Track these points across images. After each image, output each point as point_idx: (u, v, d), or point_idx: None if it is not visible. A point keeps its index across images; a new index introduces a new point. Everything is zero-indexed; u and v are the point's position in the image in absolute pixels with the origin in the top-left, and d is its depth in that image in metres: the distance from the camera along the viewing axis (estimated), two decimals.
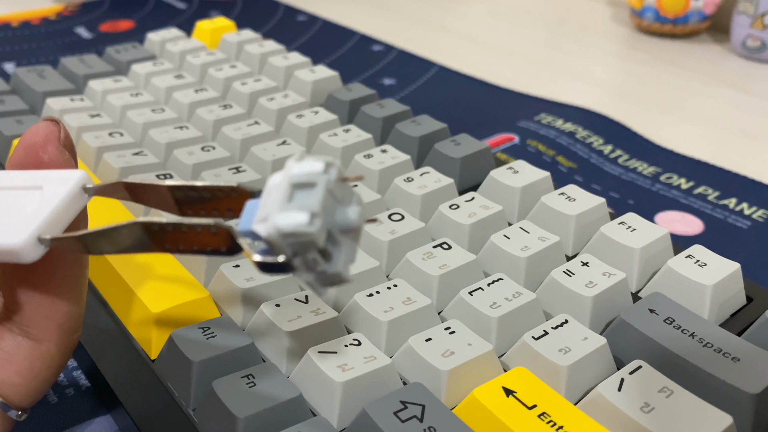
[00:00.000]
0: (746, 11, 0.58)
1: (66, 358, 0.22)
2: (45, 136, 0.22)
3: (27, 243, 0.19)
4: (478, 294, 0.26)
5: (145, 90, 0.44)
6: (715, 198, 0.41)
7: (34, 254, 0.19)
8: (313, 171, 0.17)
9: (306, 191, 0.17)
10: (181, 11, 0.70)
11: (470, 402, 0.22)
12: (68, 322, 0.21)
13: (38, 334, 0.21)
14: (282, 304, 0.26)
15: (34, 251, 0.19)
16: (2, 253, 0.19)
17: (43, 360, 0.21)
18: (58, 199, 0.20)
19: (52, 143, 0.21)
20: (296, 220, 0.16)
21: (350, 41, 0.63)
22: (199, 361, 0.24)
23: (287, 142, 0.37)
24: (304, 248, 0.17)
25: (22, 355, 0.21)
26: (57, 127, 0.22)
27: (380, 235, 0.30)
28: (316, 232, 0.16)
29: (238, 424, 0.21)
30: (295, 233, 0.16)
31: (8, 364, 0.21)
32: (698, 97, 0.54)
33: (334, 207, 0.17)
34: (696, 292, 0.27)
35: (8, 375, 0.21)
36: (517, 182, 0.33)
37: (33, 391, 0.21)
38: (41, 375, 0.21)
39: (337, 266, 0.17)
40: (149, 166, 0.35)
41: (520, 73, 0.57)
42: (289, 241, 0.16)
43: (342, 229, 0.17)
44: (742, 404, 0.22)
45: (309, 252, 0.17)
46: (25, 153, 0.21)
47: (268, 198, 0.17)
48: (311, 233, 0.16)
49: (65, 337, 0.21)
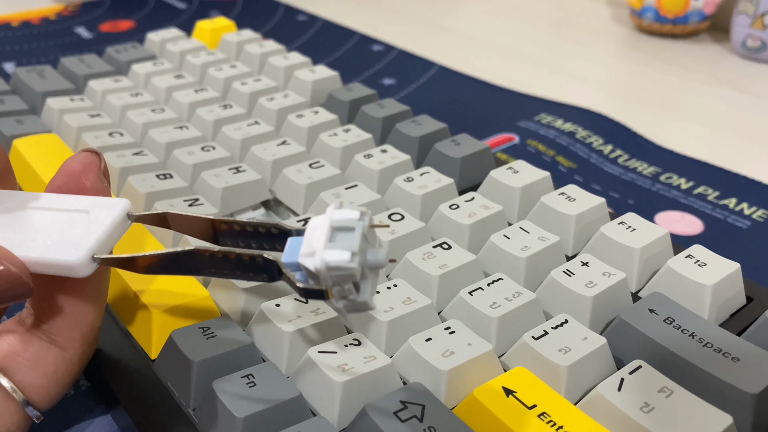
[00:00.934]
0: (746, 11, 0.58)
1: (83, 366, 0.24)
2: (86, 165, 0.23)
3: (83, 260, 0.21)
4: (478, 294, 0.26)
5: (145, 90, 0.44)
6: (715, 198, 0.41)
7: (87, 270, 0.22)
8: (351, 218, 0.20)
9: (346, 234, 0.20)
10: (181, 11, 0.70)
11: (470, 402, 0.22)
12: (90, 333, 0.23)
13: (63, 342, 0.23)
14: (282, 304, 0.26)
15: (87, 268, 0.22)
16: (59, 268, 0.22)
17: (65, 366, 0.23)
18: (107, 222, 0.22)
19: (93, 171, 0.23)
20: (342, 257, 0.19)
21: (350, 41, 0.63)
22: (199, 361, 0.24)
23: (287, 142, 0.37)
24: (343, 280, 0.20)
25: (49, 361, 0.23)
26: (97, 157, 0.24)
27: (380, 235, 0.30)
28: (356, 267, 0.19)
29: (238, 424, 0.21)
30: (339, 267, 0.20)
31: (36, 367, 0.22)
32: (698, 97, 0.54)
33: (366, 248, 0.20)
34: (696, 292, 0.27)
35: (35, 377, 0.22)
36: (517, 182, 0.33)
37: (54, 394, 0.23)
38: (62, 380, 0.23)
39: (366, 296, 0.20)
40: (149, 166, 0.35)
41: (520, 73, 0.57)
42: (333, 274, 0.20)
43: (371, 266, 0.20)
44: (742, 404, 0.22)
45: (346, 284, 0.20)
46: (68, 178, 0.23)
47: (311, 237, 0.20)
48: (353, 269, 0.19)
49: (86, 347, 0.23)
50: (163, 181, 0.33)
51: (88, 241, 0.22)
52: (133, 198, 0.33)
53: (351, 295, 0.20)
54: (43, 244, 0.22)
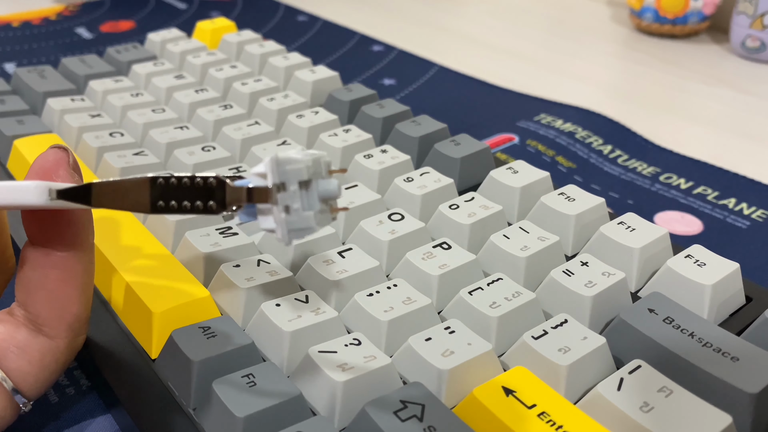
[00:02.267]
0: (745, 11, 0.58)
1: (71, 356, 0.24)
2: (55, 162, 0.24)
3: (39, 186, 0.21)
4: (477, 294, 0.26)
5: (146, 90, 0.44)
6: (714, 198, 0.41)
7: (43, 198, 0.21)
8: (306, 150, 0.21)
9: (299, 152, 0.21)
10: (181, 11, 0.70)
11: (470, 401, 0.22)
12: (77, 323, 0.24)
13: (50, 331, 0.23)
14: (282, 303, 0.26)
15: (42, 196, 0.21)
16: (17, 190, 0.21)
17: (52, 354, 0.24)
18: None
19: (63, 167, 0.24)
20: (291, 152, 0.21)
21: (350, 41, 0.63)
22: (199, 360, 0.24)
23: (287, 142, 0.37)
24: (292, 176, 0.21)
25: (36, 348, 0.23)
26: (66, 153, 0.24)
27: (380, 235, 0.30)
28: (305, 162, 0.20)
29: (238, 423, 0.22)
30: (289, 160, 0.21)
31: (23, 353, 0.23)
32: (698, 97, 0.54)
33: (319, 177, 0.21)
34: (695, 292, 0.27)
35: (21, 364, 0.23)
36: (517, 182, 0.33)
37: (41, 381, 0.23)
38: (50, 368, 0.24)
39: (310, 213, 0.21)
40: (150, 166, 0.35)
41: (520, 73, 0.57)
42: (282, 168, 0.20)
43: (323, 195, 0.21)
44: (742, 404, 0.22)
45: (293, 184, 0.21)
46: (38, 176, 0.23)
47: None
48: (302, 161, 0.21)
49: (73, 337, 0.24)
50: None
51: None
52: None
53: (295, 203, 0.21)
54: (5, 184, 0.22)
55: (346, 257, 0.29)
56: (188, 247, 0.29)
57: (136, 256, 0.28)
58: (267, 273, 0.28)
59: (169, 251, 0.29)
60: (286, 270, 0.28)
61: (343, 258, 0.28)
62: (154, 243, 0.29)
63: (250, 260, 0.28)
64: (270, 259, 0.28)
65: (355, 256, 0.29)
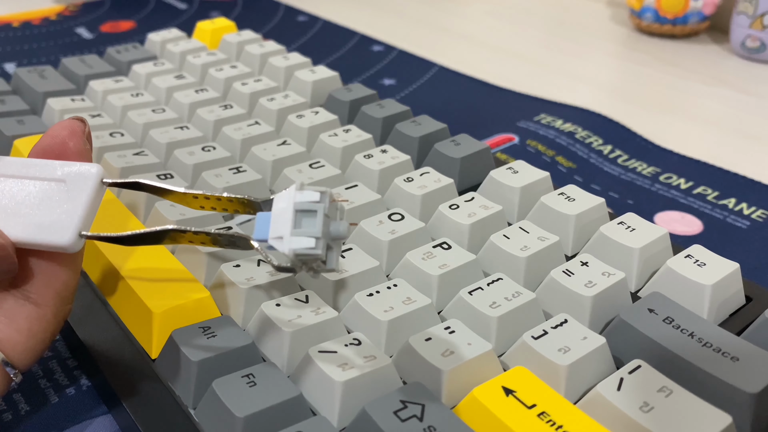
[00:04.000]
0: (745, 11, 0.58)
1: (59, 325, 0.24)
2: (72, 130, 0.24)
3: (72, 240, 0.23)
4: (477, 294, 0.26)
5: (146, 90, 0.44)
6: (714, 198, 0.41)
7: (77, 247, 0.23)
8: (312, 200, 0.22)
9: (309, 218, 0.22)
10: (181, 12, 0.71)
11: (470, 401, 0.22)
12: (65, 291, 0.24)
13: (38, 299, 0.23)
14: (282, 303, 0.26)
15: (77, 245, 0.23)
16: (50, 247, 0.23)
17: (40, 322, 0.23)
18: (86, 194, 0.23)
19: (78, 135, 0.24)
20: (306, 244, 0.22)
21: (350, 41, 0.63)
22: (199, 360, 0.24)
23: (287, 142, 0.37)
24: (310, 261, 0.22)
25: (23, 316, 0.23)
26: (82, 123, 0.25)
27: (380, 235, 0.30)
28: (320, 253, 0.22)
29: (238, 423, 0.22)
30: (306, 254, 0.22)
31: (10, 322, 0.23)
32: (697, 97, 0.54)
33: (328, 223, 0.22)
34: (695, 292, 0.27)
35: (9, 333, 0.23)
36: (517, 182, 0.33)
37: (30, 350, 0.23)
38: (38, 336, 0.23)
39: (332, 265, 0.23)
40: (150, 166, 0.35)
41: (520, 73, 0.57)
42: (301, 258, 0.22)
43: (334, 238, 0.22)
44: (742, 404, 0.22)
45: (314, 262, 0.22)
46: (52, 140, 0.24)
47: (278, 219, 0.23)
48: (317, 254, 0.22)
49: (61, 305, 0.24)
50: (163, 182, 0.33)
51: (73, 219, 0.23)
52: (135, 198, 0.33)
53: (319, 268, 0.23)
54: (31, 224, 0.23)
55: (346, 257, 0.29)
56: (188, 247, 0.29)
57: (136, 256, 0.28)
58: (267, 273, 0.28)
59: (169, 251, 0.29)
60: None
61: (343, 258, 0.29)
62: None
63: (250, 260, 0.28)
64: None
65: (355, 256, 0.29)
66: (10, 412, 0.27)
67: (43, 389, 0.28)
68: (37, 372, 0.29)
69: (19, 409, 0.27)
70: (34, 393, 0.28)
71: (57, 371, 0.29)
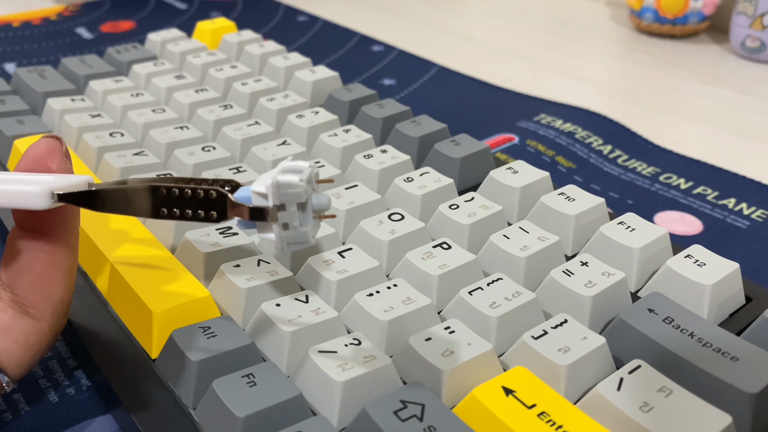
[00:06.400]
0: (745, 11, 0.58)
1: (54, 338, 0.25)
2: (49, 149, 0.24)
3: (42, 191, 0.22)
4: (477, 294, 0.26)
5: (146, 90, 0.44)
6: (714, 198, 0.41)
7: (46, 202, 0.22)
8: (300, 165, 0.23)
9: (296, 171, 0.23)
10: (181, 12, 0.71)
11: (470, 401, 0.22)
12: (61, 306, 0.24)
13: (36, 313, 0.24)
14: (282, 303, 0.26)
15: (46, 200, 0.22)
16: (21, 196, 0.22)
17: (37, 335, 0.24)
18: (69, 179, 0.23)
19: (57, 154, 0.24)
20: (291, 178, 0.22)
21: (350, 41, 0.63)
22: (199, 360, 0.24)
23: (287, 142, 0.37)
24: (291, 199, 0.22)
25: (20, 328, 0.24)
26: (59, 141, 0.25)
27: (380, 235, 0.30)
28: (304, 186, 0.22)
29: (238, 423, 0.22)
30: (289, 184, 0.22)
31: (7, 333, 0.23)
32: (697, 97, 0.54)
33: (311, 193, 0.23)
34: (695, 292, 0.27)
35: (6, 343, 0.23)
36: (517, 182, 0.33)
37: (25, 361, 0.24)
38: (34, 348, 0.24)
39: (307, 227, 0.23)
40: (150, 166, 0.35)
41: (520, 73, 0.58)
42: (282, 192, 0.22)
43: (315, 208, 0.23)
44: (742, 404, 0.22)
45: (292, 206, 0.22)
46: (33, 163, 0.24)
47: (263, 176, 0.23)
48: (300, 186, 0.22)
49: (57, 319, 0.25)
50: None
51: (49, 180, 0.23)
52: None
53: (294, 221, 0.22)
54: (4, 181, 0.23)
55: (346, 257, 0.29)
56: (188, 247, 0.29)
57: (136, 256, 0.28)
58: (267, 273, 0.28)
59: (169, 251, 0.29)
60: (286, 270, 0.28)
61: (343, 258, 0.29)
62: (154, 243, 0.29)
63: (250, 260, 0.28)
64: (270, 259, 0.29)
65: (355, 256, 0.29)
66: (10, 412, 0.27)
67: (43, 389, 0.28)
68: (37, 372, 0.29)
69: (19, 409, 0.27)
70: (34, 393, 0.28)
71: (57, 371, 0.29)
